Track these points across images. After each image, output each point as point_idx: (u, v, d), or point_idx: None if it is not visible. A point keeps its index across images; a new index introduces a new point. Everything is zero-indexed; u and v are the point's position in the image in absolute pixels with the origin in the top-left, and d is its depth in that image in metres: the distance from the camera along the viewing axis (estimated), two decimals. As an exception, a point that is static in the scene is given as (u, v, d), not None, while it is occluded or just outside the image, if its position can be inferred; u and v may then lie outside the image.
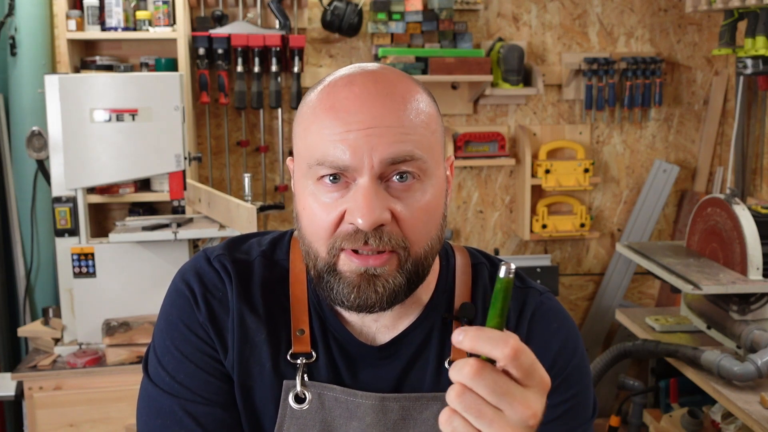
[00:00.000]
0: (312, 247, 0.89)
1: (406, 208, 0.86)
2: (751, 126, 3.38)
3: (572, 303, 3.78)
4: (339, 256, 0.87)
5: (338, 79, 0.89)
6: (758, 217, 2.41)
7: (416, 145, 0.85)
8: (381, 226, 0.84)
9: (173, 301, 0.98)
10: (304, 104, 0.91)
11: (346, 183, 0.86)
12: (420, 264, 0.88)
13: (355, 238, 0.85)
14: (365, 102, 0.85)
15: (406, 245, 0.86)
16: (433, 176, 0.88)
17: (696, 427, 2.53)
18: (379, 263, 0.86)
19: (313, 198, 0.88)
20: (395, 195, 0.86)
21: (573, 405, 0.97)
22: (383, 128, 0.84)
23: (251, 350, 0.96)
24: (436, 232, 0.90)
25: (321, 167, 0.85)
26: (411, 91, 0.89)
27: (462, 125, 3.56)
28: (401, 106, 0.86)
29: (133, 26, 3.12)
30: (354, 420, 0.95)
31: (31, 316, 3.08)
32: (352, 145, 0.84)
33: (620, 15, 3.61)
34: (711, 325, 2.57)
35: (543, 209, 3.55)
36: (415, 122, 0.86)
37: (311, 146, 0.87)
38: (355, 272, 0.86)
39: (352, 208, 0.84)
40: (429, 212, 0.88)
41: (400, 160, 0.84)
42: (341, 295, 0.87)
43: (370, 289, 0.86)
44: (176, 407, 0.94)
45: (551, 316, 1.00)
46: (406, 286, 0.88)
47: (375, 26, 3.30)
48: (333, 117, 0.85)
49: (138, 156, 2.60)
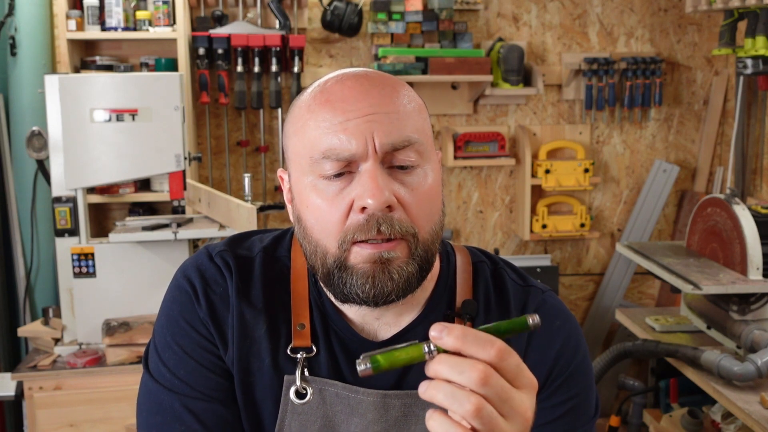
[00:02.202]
0: (320, 245, 0.89)
1: (410, 193, 0.87)
2: (751, 126, 3.38)
3: (572, 303, 3.78)
4: (350, 250, 0.87)
5: (328, 79, 0.91)
6: (758, 217, 2.41)
7: (413, 130, 0.88)
8: (390, 213, 0.85)
9: (174, 297, 0.99)
10: (295, 106, 0.92)
11: (349, 174, 0.86)
12: (428, 249, 0.89)
13: (367, 228, 0.85)
14: (359, 92, 0.87)
15: (414, 231, 0.87)
16: (431, 160, 0.91)
17: (696, 427, 2.53)
18: (391, 247, 0.86)
19: (318, 194, 0.87)
20: (398, 181, 0.87)
21: (575, 404, 0.97)
22: (382, 114, 0.86)
23: (250, 345, 0.96)
24: (438, 216, 0.91)
25: (326, 160, 0.86)
26: (399, 83, 0.92)
27: (462, 125, 3.56)
28: (394, 94, 0.89)
29: (133, 26, 3.12)
30: (355, 416, 0.95)
31: (31, 316, 3.08)
32: (354, 133, 0.85)
33: (620, 15, 3.62)
34: (711, 325, 2.57)
35: (543, 209, 3.55)
36: (409, 108, 0.89)
37: (312, 141, 0.87)
38: (368, 261, 0.86)
39: (361, 192, 0.84)
40: (431, 196, 0.89)
41: (401, 146, 0.86)
42: (356, 287, 0.87)
43: (386, 276, 0.86)
44: (176, 403, 0.94)
45: (553, 314, 1.00)
46: (418, 272, 0.88)
47: (375, 26, 3.30)
48: (330, 109, 0.87)
49: (138, 156, 2.60)
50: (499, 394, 0.69)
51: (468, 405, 0.68)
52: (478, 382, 0.68)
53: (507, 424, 0.69)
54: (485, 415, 0.68)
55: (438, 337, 0.71)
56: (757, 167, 3.37)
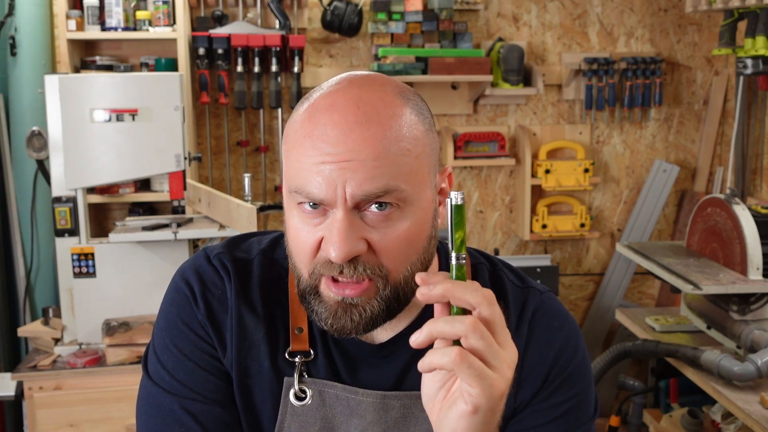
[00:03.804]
0: (296, 267, 0.90)
1: (383, 237, 0.85)
2: (751, 126, 3.38)
3: (572, 303, 3.78)
4: (320, 280, 0.87)
5: (322, 99, 0.86)
6: (758, 217, 2.41)
7: (394, 176, 0.83)
8: (356, 257, 0.84)
9: (172, 300, 0.99)
10: (290, 123, 0.89)
11: (324, 210, 0.85)
12: (400, 290, 0.88)
13: (331, 267, 0.85)
14: (343, 130, 0.83)
15: (383, 273, 0.86)
16: (414, 203, 0.86)
17: (696, 427, 2.53)
18: (356, 293, 0.85)
19: (296, 219, 0.88)
20: (372, 224, 0.84)
21: (574, 404, 0.97)
22: (358, 162, 0.82)
23: (249, 348, 0.96)
24: (417, 256, 0.88)
25: (299, 195, 0.85)
26: (395, 115, 0.85)
27: (462, 125, 3.56)
28: (379, 134, 0.83)
29: (133, 26, 3.12)
30: (355, 417, 0.95)
31: (31, 316, 3.08)
32: (326, 178, 0.82)
33: (620, 15, 3.61)
34: (711, 325, 2.57)
35: (543, 209, 3.55)
36: (394, 151, 0.83)
37: (291, 172, 0.87)
38: (333, 299, 0.87)
39: (327, 239, 0.84)
40: (408, 240, 0.86)
41: (374, 197, 0.83)
42: (320, 318, 0.88)
43: (346, 317, 0.86)
44: (175, 405, 0.95)
45: (552, 315, 1.00)
46: (385, 312, 0.87)
47: (375, 26, 3.30)
48: (311, 146, 0.84)
49: (138, 156, 2.60)
50: (489, 342, 0.76)
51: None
52: (469, 328, 0.76)
53: (501, 350, 0.77)
54: (481, 328, 0.76)
55: (426, 292, 0.78)
56: (757, 167, 3.37)
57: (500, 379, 0.76)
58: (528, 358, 0.97)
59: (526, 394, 0.96)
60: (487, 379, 0.75)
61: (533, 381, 0.96)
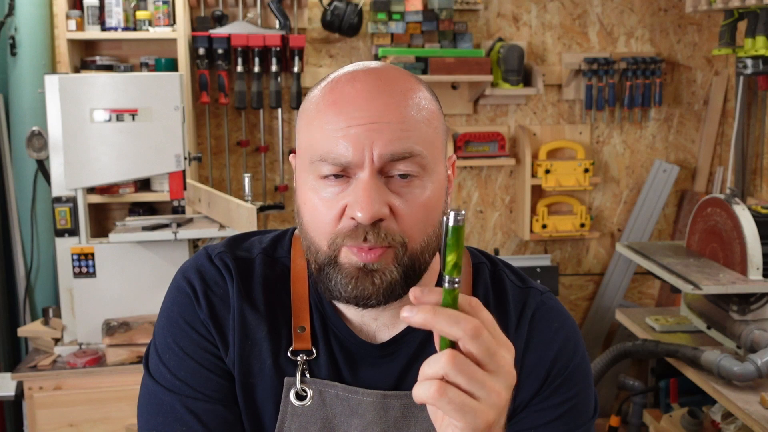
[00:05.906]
0: (314, 242, 0.90)
1: (405, 203, 0.87)
2: (751, 126, 3.38)
3: (572, 303, 3.78)
4: (340, 251, 0.88)
5: (341, 75, 0.90)
6: (758, 217, 2.41)
7: (417, 141, 0.87)
8: (379, 222, 0.85)
9: (174, 298, 0.99)
10: (308, 100, 0.92)
11: (347, 178, 0.86)
12: (416, 259, 0.89)
13: (355, 235, 0.86)
14: (367, 97, 0.86)
15: (403, 241, 0.87)
16: (433, 173, 0.89)
17: (696, 427, 2.53)
18: (376, 258, 0.86)
19: (314, 192, 0.88)
20: (395, 190, 0.86)
21: (574, 405, 0.97)
22: (384, 124, 0.85)
23: (252, 347, 0.96)
24: (433, 228, 0.90)
25: (323, 164, 0.86)
26: (413, 88, 0.90)
27: (462, 125, 3.56)
28: (402, 102, 0.87)
29: (133, 26, 3.12)
30: (355, 417, 0.95)
31: (31, 316, 3.08)
32: (353, 141, 0.85)
33: (620, 15, 3.61)
34: (711, 325, 2.58)
35: (543, 209, 3.55)
36: (417, 118, 0.88)
37: (314, 142, 0.88)
38: (354, 265, 0.87)
39: (352, 201, 0.85)
40: (428, 208, 0.88)
41: (400, 157, 0.85)
42: (339, 286, 0.88)
43: (368, 281, 0.87)
44: (177, 404, 0.95)
45: (552, 316, 1.00)
46: (402, 280, 0.88)
47: (375, 26, 3.30)
48: (336, 112, 0.86)
49: (138, 156, 2.60)
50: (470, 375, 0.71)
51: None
52: (446, 365, 0.71)
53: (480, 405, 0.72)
54: (459, 363, 0.71)
55: (409, 317, 0.72)
56: (757, 167, 3.37)
57: (487, 409, 0.72)
58: (528, 358, 0.97)
59: (525, 395, 0.96)
60: (469, 412, 0.71)
61: (533, 381, 0.97)
